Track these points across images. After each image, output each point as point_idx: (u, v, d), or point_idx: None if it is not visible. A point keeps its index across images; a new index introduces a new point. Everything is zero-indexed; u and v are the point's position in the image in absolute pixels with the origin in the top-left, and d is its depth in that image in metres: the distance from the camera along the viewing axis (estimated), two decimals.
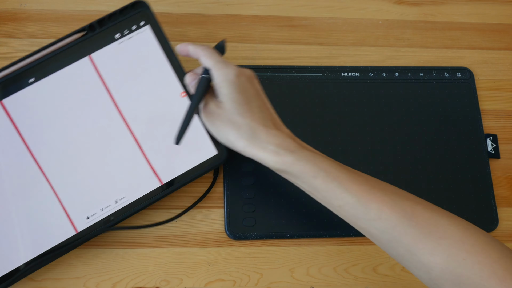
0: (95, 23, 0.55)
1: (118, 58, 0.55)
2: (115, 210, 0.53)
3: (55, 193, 0.53)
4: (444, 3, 0.73)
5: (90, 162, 0.54)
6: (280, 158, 0.47)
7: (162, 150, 0.55)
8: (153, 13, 0.56)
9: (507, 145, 0.66)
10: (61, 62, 0.54)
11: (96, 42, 0.55)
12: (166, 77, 0.56)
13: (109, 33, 0.55)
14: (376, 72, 0.66)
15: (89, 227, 0.53)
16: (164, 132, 0.55)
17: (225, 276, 0.57)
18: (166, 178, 0.55)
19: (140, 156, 0.54)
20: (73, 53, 0.55)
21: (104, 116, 0.55)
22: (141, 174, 0.54)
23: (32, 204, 0.53)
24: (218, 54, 0.52)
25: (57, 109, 0.54)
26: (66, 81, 0.54)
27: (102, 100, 0.55)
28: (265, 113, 0.50)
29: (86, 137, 0.54)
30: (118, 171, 0.54)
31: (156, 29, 0.56)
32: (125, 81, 0.55)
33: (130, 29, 0.55)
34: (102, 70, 0.55)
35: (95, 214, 0.53)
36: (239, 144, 0.49)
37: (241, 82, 0.49)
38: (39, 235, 0.52)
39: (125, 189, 0.54)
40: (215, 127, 0.51)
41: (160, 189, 0.54)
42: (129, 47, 0.55)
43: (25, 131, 0.53)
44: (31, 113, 0.54)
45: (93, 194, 0.54)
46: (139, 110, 0.55)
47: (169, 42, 0.57)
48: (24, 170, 0.53)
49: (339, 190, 0.46)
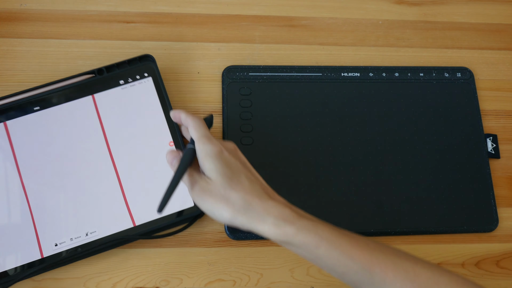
0: (104, 68, 0.60)
1: (118, 102, 0.59)
2: (84, 242, 0.55)
3: (31, 214, 0.55)
4: (444, 3, 0.73)
5: (71, 191, 0.56)
6: (281, 230, 0.46)
7: (141, 193, 0.57)
8: (157, 68, 0.61)
9: (507, 145, 0.66)
10: (66, 96, 0.59)
11: (101, 84, 0.60)
12: (158, 126, 0.59)
13: (115, 78, 0.60)
14: (376, 72, 0.66)
15: (55, 254, 0.54)
16: (147, 176, 0.57)
17: (225, 276, 0.57)
18: (140, 220, 0.56)
19: (119, 195, 0.56)
20: (79, 90, 0.59)
21: (94, 151, 0.58)
22: (116, 212, 0.56)
23: (6, 220, 0.55)
24: (205, 128, 0.51)
25: (53, 137, 0.58)
26: (67, 113, 0.58)
27: (96, 137, 0.58)
28: (255, 183, 0.49)
29: (73, 167, 0.57)
30: (96, 205, 0.56)
31: (156, 82, 0.60)
32: (120, 123, 0.59)
33: (134, 78, 0.60)
34: (101, 110, 0.59)
35: (63, 242, 0.54)
36: (237, 220, 0.47)
37: (225, 157, 0.48)
38: (5, 252, 0.54)
39: (98, 224, 0.55)
40: (208, 204, 0.47)
41: (131, 231, 0.55)
42: (130, 93, 0.60)
43: (19, 151, 0.57)
44: (29, 137, 0.57)
45: (67, 222, 0.55)
46: (128, 152, 0.58)
47: (167, 96, 0.60)
48: (8, 186, 0.56)
49: (342, 257, 0.46)
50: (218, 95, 0.64)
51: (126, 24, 0.66)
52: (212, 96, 0.64)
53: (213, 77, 0.65)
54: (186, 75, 0.65)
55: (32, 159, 0.57)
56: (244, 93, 0.63)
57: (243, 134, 0.61)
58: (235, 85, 0.64)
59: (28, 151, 0.57)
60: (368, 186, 0.61)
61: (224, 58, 0.66)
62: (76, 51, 0.64)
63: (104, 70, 0.60)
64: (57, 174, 0.56)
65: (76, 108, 0.59)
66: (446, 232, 0.60)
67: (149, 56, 0.61)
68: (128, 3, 0.67)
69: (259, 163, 0.61)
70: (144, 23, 0.67)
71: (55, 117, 0.58)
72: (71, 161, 0.57)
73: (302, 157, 0.61)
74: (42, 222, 0.55)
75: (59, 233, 0.55)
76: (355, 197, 0.60)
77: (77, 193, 0.56)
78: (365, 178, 0.61)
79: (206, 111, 0.63)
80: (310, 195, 0.60)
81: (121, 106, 0.59)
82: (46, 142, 0.57)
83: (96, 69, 0.60)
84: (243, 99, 0.63)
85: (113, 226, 0.55)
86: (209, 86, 0.64)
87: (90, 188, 0.56)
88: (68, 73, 0.63)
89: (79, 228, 0.55)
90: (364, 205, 0.60)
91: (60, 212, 0.55)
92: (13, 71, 0.63)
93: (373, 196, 0.60)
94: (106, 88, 0.60)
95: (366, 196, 0.60)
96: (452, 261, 0.60)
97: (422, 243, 0.60)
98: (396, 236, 0.60)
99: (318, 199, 0.60)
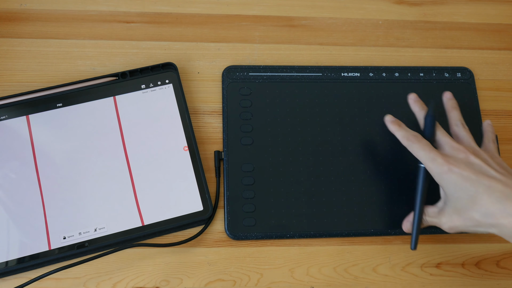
0: (127, 72, 0.62)
1: (137, 105, 0.61)
2: (92, 237, 0.55)
3: (43, 205, 0.56)
4: (444, 3, 0.73)
5: (84, 187, 0.57)
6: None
7: (152, 194, 0.57)
8: (179, 76, 0.62)
9: (507, 145, 0.66)
10: (89, 95, 0.61)
11: (123, 87, 0.62)
12: (175, 131, 0.60)
13: (137, 82, 0.62)
14: (376, 72, 0.66)
15: (62, 247, 0.54)
16: (159, 178, 0.58)
17: (225, 276, 0.57)
18: (149, 220, 0.56)
19: (131, 194, 0.57)
20: (101, 91, 0.61)
21: (110, 150, 0.59)
22: (126, 211, 0.56)
23: (18, 209, 0.56)
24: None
25: (72, 133, 0.59)
26: (88, 112, 0.60)
27: (113, 136, 0.59)
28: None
29: (88, 164, 0.58)
30: (107, 202, 0.57)
31: (177, 89, 0.62)
32: (138, 125, 0.60)
33: (156, 84, 0.62)
34: (121, 111, 0.60)
35: (72, 236, 0.55)
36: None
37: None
38: (14, 241, 0.54)
39: (108, 220, 0.56)
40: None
41: (139, 230, 0.56)
42: (150, 98, 0.61)
43: (38, 144, 0.58)
44: (49, 131, 0.59)
45: (77, 216, 0.56)
46: (143, 153, 0.59)
47: (185, 104, 0.61)
48: (24, 177, 0.57)
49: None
50: (218, 95, 0.64)
51: (126, 24, 0.66)
52: (212, 96, 0.64)
53: (213, 77, 0.65)
54: (186, 75, 0.65)
55: (49, 153, 0.58)
56: (244, 93, 0.63)
57: (243, 134, 0.61)
58: (235, 85, 0.64)
59: (46, 145, 0.58)
60: (368, 185, 0.61)
61: (224, 58, 0.66)
62: (76, 51, 0.64)
63: (128, 74, 0.62)
64: (72, 169, 0.57)
65: (97, 107, 0.60)
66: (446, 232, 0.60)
67: (172, 64, 0.62)
68: (128, 3, 0.67)
69: (259, 163, 0.61)
70: (144, 23, 0.67)
71: (76, 114, 0.60)
72: (87, 157, 0.58)
73: (302, 157, 0.61)
74: (53, 214, 0.56)
75: (68, 226, 0.55)
76: (356, 197, 0.60)
77: (89, 189, 0.57)
78: (365, 178, 0.61)
79: (206, 111, 0.63)
80: (310, 195, 0.60)
81: (140, 109, 0.61)
82: (65, 137, 0.59)
83: (120, 73, 0.62)
84: (243, 99, 0.63)
85: (122, 224, 0.56)
86: (209, 86, 0.64)
87: (102, 185, 0.57)
88: (68, 73, 0.63)
89: (88, 223, 0.56)
90: (364, 205, 0.60)
91: (71, 206, 0.56)
92: (13, 71, 0.63)
93: (373, 196, 0.60)
94: (127, 91, 0.61)
95: (366, 196, 0.60)
96: (452, 261, 0.60)
97: (422, 243, 0.60)
98: (396, 236, 0.60)
99: (318, 199, 0.60)
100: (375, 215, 0.60)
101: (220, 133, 0.62)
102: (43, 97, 0.59)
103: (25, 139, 0.58)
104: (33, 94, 0.60)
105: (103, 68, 0.64)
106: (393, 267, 0.59)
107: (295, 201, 0.60)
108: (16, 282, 0.54)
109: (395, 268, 0.59)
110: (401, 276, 0.58)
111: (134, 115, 0.60)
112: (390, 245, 0.60)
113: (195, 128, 0.61)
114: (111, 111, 0.60)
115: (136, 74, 0.62)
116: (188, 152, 0.59)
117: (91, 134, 0.59)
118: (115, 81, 0.61)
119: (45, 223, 0.55)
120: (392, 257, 0.59)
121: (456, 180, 0.51)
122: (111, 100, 0.61)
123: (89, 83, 0.61)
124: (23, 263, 0.53)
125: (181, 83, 0.62)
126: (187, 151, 0.59)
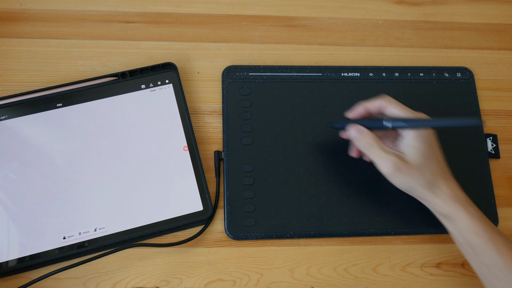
0: (127, 72, 0.62)
1: (137, 105, 0.61)
2: (92, 237, 0.55)
3: (43, 205, 0.56)
4: (444, 3, 0.73)
5: (84, 186, 0.57)
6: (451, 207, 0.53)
7: (152, 194, 0.57)
8: (179, 76, 0.62)
9: (507, 145, 0.66)
10: (89, 95, 0.61)
11: (123, 87, 0.61)
12: (175, 131, 0.60)
13: (137, 82, 0.62)
14: (376, 72, 0.66)
15: (62, 247, 0.54)
16: (158, 177, 0.58)
17: (225, 276, 0.57)
18: (148, 220, 0.56)
19: (131, 194, 0.57)
20: (101, 91, 0.61)
21: (109, 150, 0.59)
22: (126, 211, 0.57)
23: (17, 210, 0.56)
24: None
25: (71, 133, 0.59)
26: (88, 112, 0.60)
27: (113, 136, 0.59)
28: (442, 165, 0.55)
29: (88, 164, 0.58)
30: (107, 202, 0.57)
31: (177, 89, 0.62)
32: (138, 124, 0.60)
33: (156, 84, 0.62)
34: (121, 111, 0.61)
35: (72, 236, 0.55)
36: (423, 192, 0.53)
37: (431, 137, 0.54)
38: (13, 241, 0.54)
39: (108, 220, 0.56)
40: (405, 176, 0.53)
41: (139, 230, 0.56)
42: (150, 97, 0.61)
43: (38, 145, 0.58)
44: (49, 131, 0.59)
45: (77, 216, 0.56)
46: (143, 152, 0.59)
47: (185, 104, 0.61)
48: (24, 178, 0.57)
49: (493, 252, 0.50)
50: (218, 95, 0.64)
51: (126, 24, 0.66)
52: (212, 96, 0.64)
53: (213, 77, 0.65)
54: (186, 75, 0.65)
55: (49, 153, 0.58)
56: (244, 93, 0.63)
57: (243, 134, 0.61)
58: (235, 85, 0.64)
59: (46, 145, 0.58)
60: (368, 185, 0.61)
61: (224, 58, 0.66)
62: (76, 51, 0.64)
63: (128, 74, 0.62)
64: (72, 169, 0.58)
65: (97, 107, 0.60)
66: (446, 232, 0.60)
67: (172, 64, 0.63)
68: (128, 3, 0.67)
69: (259, 163, 0.61)
70: (144, 23, 0.67)
71: (75, 115, 0.60)
72: (86, 157, 0.58)
73: (302, 157, 0.61)
74: (53, 214, 0.56)
75: (68, 226, 0.55)
76: (355, 197, 0.60)
77: (89, 189, 0.57)
78: (365, 178, 0.61)
79: (206, 111, 0.63)
80: (310, 195, 0.60)
81: (140, 109, 0.61)
82: (65, 137, 0.59)
83: (120, 73, 0.61)
84: (243, 99, 0.63)
85: (122, 224, 0.56)
86: (209, 86, 0.64)
87: (102, 185, 0.57)
88: (68, 73, 0.63)
89: (88, 223, 0.56)
90: (364, 205, 0.60)
91: (71, 206, 0.56)
92: (13, 71, 0.63)
93: (373, 196, 0.60)
94: (127, 91, 0.61)
95: (366, 195, 0.60)
96: (452, 261, 0.60)
97: (422, 243, 0.60)
98: (396, 236, 0.60)
99: (318, 199, 0.60)
100: (375, 215, 0.60)
101: (220, 133, 0.62)
102: (43, 97, 0.60)
103: (25, 139, 0.58)
104: (33, 94, 0.60)
105: (103, 68, 0.64)
106: (393, 267, 0.59)
107: (295, 201, 0.60)
108: (16, 282, 0.54)
109: (395, 268, 0.59)
110: (401, 276, 0.58)
111: (134, 115, 0.60)
112: (390, 245, 0.60)
113: (195, 128, 0.61)
114: (111, 111, 0.60)
115: (136, 74, 0.62)
116: (188, 152, 0.59)
117: (91, 134, 0.59)
118: (115, 81, 0.61)
119: (45, 223, 0.55)
120: (392, 257, 0.59)
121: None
122: (111, 100, 0.60)
123: (89, 83, 0.61)
124: (23, 263, 0.53)
125: (181, 83, 0.62)
126: (187, 151, 0.59)
